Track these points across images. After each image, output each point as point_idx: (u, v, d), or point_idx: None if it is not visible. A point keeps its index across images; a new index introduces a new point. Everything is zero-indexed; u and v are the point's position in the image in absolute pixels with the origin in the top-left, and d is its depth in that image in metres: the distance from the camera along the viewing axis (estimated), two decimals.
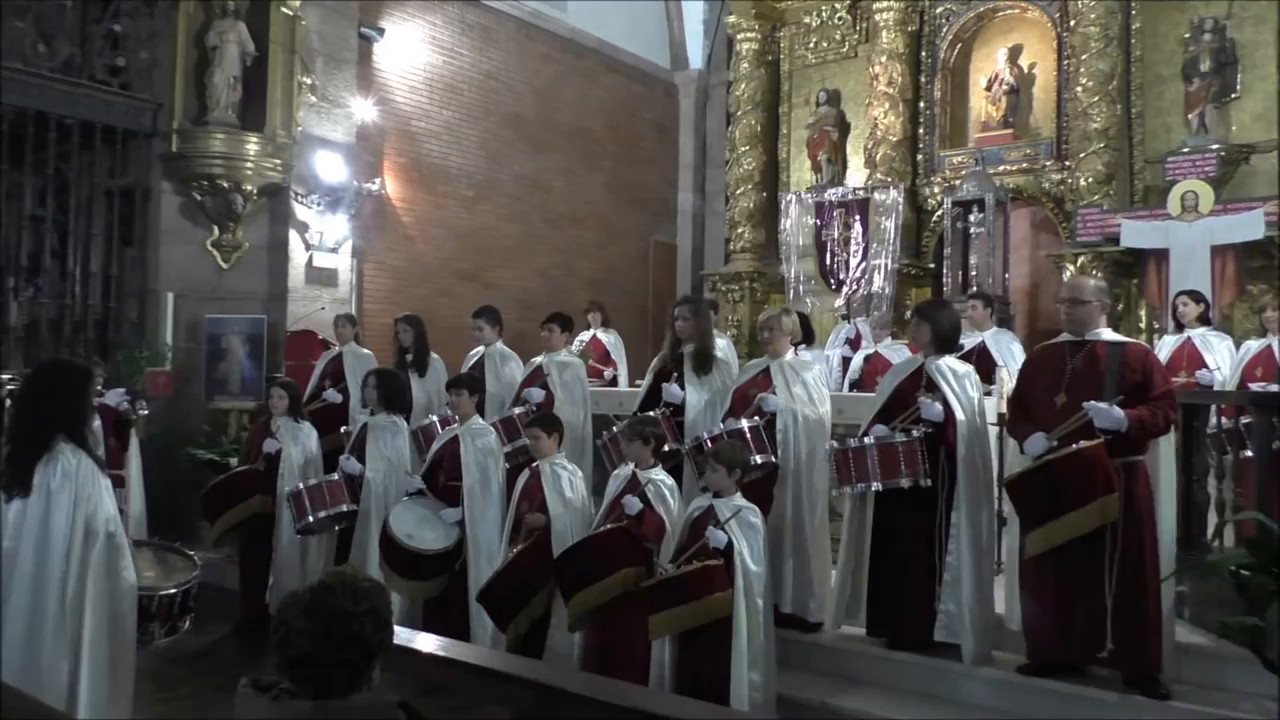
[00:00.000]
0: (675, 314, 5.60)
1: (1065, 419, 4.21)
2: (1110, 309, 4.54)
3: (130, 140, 8.30)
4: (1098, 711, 4.15)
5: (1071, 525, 4.09)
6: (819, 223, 10.65)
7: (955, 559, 4.56)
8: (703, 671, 4.17)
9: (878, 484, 4.59)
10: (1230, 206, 8.82)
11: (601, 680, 3.15)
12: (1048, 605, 4.29)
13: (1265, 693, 3.91)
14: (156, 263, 8.40)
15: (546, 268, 11.90)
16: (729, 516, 4.23)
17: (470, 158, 11.14)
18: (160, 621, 3.67)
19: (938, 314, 4.93)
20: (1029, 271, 11.18)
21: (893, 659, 4.71)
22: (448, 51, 10.91)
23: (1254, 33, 9.57)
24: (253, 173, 8.46)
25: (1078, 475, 4.08)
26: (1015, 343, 7.31)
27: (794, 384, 5.18)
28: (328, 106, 9.19)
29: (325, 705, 1.85)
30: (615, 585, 4.37)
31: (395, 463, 5.83)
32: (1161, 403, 4.18)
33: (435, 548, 5.13)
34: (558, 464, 5.09)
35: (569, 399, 6.26)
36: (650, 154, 13.56)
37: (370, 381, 6.05)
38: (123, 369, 7.75)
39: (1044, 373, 4.47)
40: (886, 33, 11.18)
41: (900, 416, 4.69)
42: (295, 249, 8.88)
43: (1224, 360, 6.53)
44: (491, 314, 6.94)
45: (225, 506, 6.12)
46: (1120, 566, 4.12)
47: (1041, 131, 10.80)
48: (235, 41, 8.34)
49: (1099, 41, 9.82)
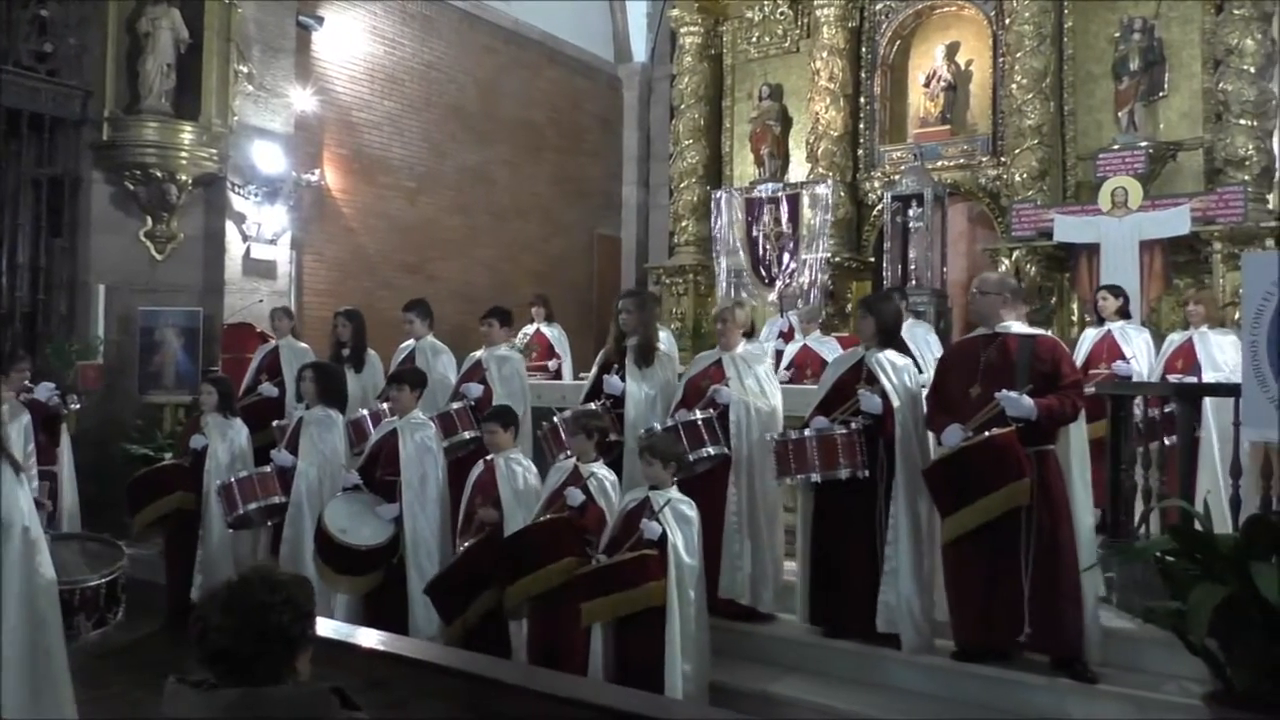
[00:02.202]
0: (620, 306, 5.63)
1: (980, 410, 4.35)
2: (1011, 302, 4.63)
3: (59, 128, 8.10)
4: (1025, 694, 4.26)
5: (983, 510, 4.23)
6: (749, 218, 10.72)
7: (894, 549, 4.63)
8: (637, 661, 4.21)
9: (816, 475, 4.65)
10: (1158, 203, 9.06)
11: (537, 671, 3.16)
12: (968, 591, 4.41)
13: (1187, 674, 4.05)
14: (87, 254, 8.22)
15: (490, 260, 11.83)
16: (661, 506, 4.28)
17: (412, 149, 11.03)
18: (86, 614, 3.59)
19: (882, 306, 5.02)
20: (966, 265, 11.35)
21: (827, 646, 4.78)
22: (389, 41, 10.79)
23: (1180, 33, 9.83)
24: (187, 162, 8.30)
25: (989, 461, 4.22)
26: (931, 334, 7.46)
27: (746, 376, 5.23)
28: (265, 96, 9.04)
29: (255, 693, 1.84)
30: (555, 574, 4.37)
31: (330, 457, 5.76)
32: (1070, 391, 4.34)
33: (369, 543, 5.06)
34: (513, 459, 5.07)
35: (508, 393, 6.24)
36: (594, 147, 13.54)
37: (307, 375, 5.97)
38: (52, 362, 7.57)
39: (960, 366, 4.62)
40: (827, 28, 11.29)
41: (840, 408, 4.77)
42: (232, 240, 8.73)
43: (1141, 352, 6.70)
44: (423, 307, 6.92)
45: (146, 500, 6.03)
46: (1036, 552, 4.24)
47: (978, 128, 10.99)
48: (169, 28, 8.18)
49: (1033, 40, 10.01)
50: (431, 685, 3.01)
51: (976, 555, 4.35)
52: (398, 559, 5.16)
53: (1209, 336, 6.46)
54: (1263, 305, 3.87)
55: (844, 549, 4.76)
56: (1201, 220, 8.82)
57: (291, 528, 5.61)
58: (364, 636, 3.53)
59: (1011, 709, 4.25)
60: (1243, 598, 3.33)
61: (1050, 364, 4.39)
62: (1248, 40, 9.08)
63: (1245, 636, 3.40)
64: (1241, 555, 3.47)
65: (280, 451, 5.77)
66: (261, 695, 1.84)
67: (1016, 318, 4.64)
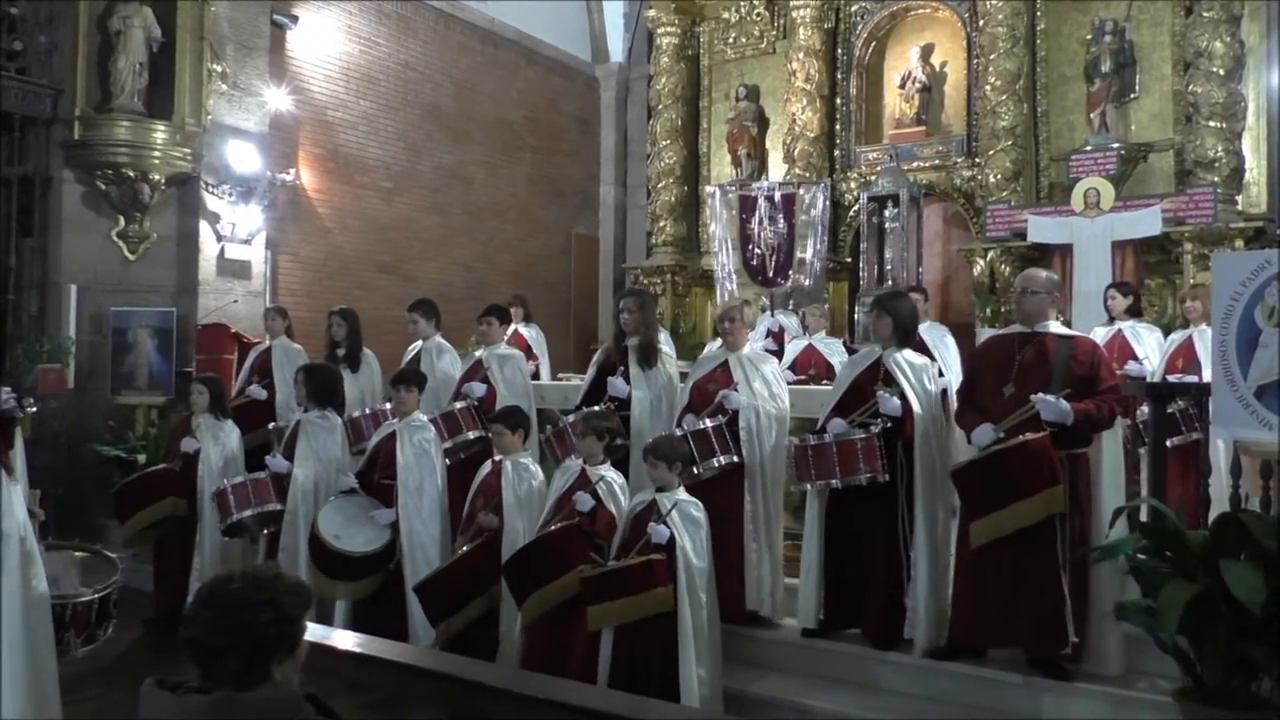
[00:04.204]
0: (620, 306, 5.46)
1: (1013, 410, 4.21)
2: (1056, 301, 4.54)
3: (29, 127, 7.99)
4: (1002, 692, 4.28)
5: (1018, 515, 4.07)
6: (744, 217, 10.74)
7: (914, 553, 4.50)
8: (647, 668, 4.10)
9: (837, 481, 4.48)
10: (1130, 203, 9.16)
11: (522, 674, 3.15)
12: (992, 596, 4.24)
13: (1157, 671, 4.09)
14: (58, 254, 8.12)
15: (467, 260, 11.80)
16: (669, 508, 4.21)
17: (388, 149, 10.97)
18: (76, 630, 3.48)
19: (898, 305, 4.85)
20: (941, 265, 11.45)
21: (806, 646, 4.75)
22: (364, 41, 10.73)
23: (1151, 35, 9.94)
24: (160, 162, 8.22)
25: (1025, 466, 4.06)
26: (948, 335, 7.42)
27: (754, 379, 5.04)
28: (239, 95, 8.96)
29: (228, 698, 1.81)
30: (573, 583, 4.24)
31: (326, 461, 5.59)
32: (1108, 396, 4.22)
33: (363, 549, 4.96)
34: (520, 463, 4.94)
35: (511, 393, 6.06)
36: (571, 147, 13.52)
37: (299, 379, 5.86)
38: (21, 363, 7.48)
39: (993, 364, 4.46)
40: (804, 29, 11.35)
41: (858, 410, 4.61)
42: (206, 240, 8.65)
43: (1153, 352, 6.59)
44: (427, 307, 6.72)
45: (137, 507, 5.87)
46: (1073, 558, 4.10)
47: (953, 129, 11.08)
48: (141, 27, 8.10)
49: (1006, 41, 10.10)
50: (417, 689, 2.99)
51: (1002, 560, 4.18)
52: (394, 564, 5.07)
53: (1208, 334, 6.44)
54: (1231, 305, 3.91)
55: (860, 553, 4.62)
56: (1172, 221, 8.93)
57: (289, 535, 5.44)
58: (340, 639, 3.48)
59: (988, 706, 4.27)
60: (1212, 595, 3.37)
61: (1088, 366, 4.25)
62: (1217, 43, 9.20)
63: (1215, 633, 3.44)
64: (1211, 553, 3.51)
65: (276, 457, 5.61)
66: (234, 700, 1.81)
67: (1055, 317, 4.50)
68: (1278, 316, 3.80)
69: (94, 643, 3.63)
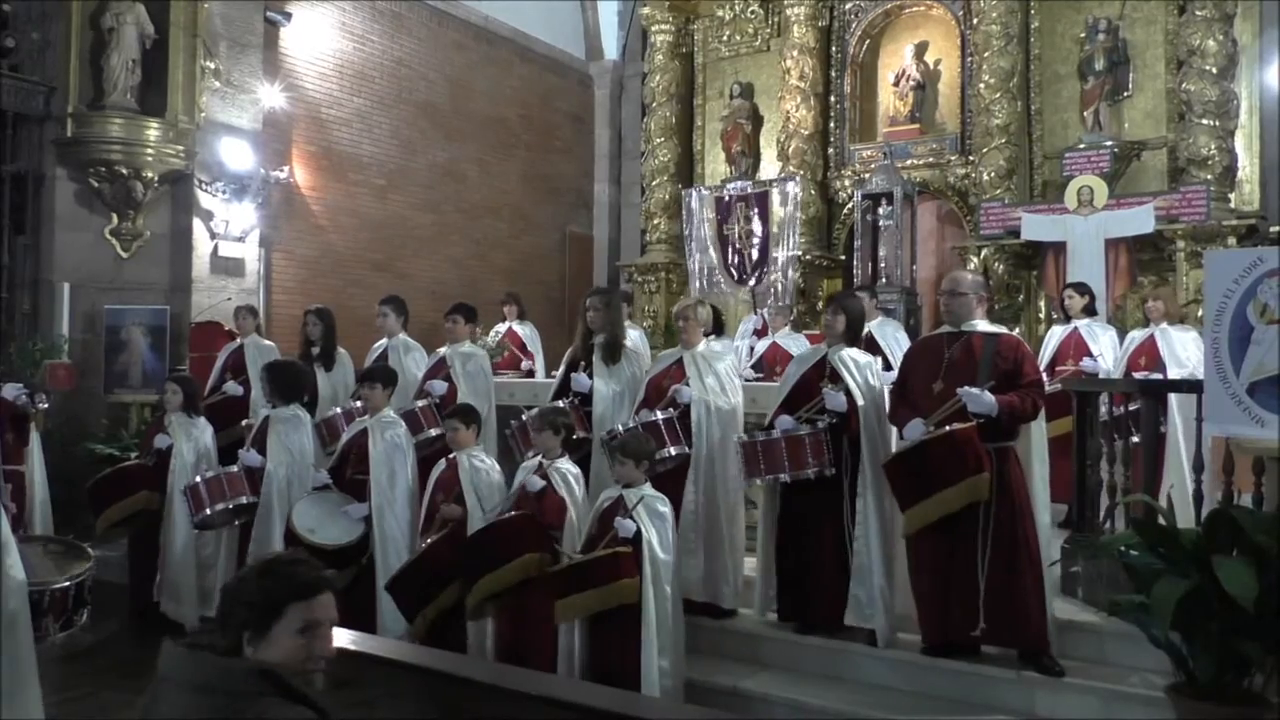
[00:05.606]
0: (587, 304, 5.64)
1: (942, 405, 4.40)
2: (987, 301, 4.73)
3: (21, 124, 7.98)
4: (993, 688, 4.31)
5: (942, 502, 4.26)
6: (719, 217, 10.74)
7: (863, 544, 4.66)
8: (612, 660, 4.22)
9: (786, 475, 4.67)
10: (1123, 201, 9.18)
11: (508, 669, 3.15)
12: (929, 585, 4.45)
13: (1150, 667, 4.11)
14: (51, 251, 8.10)
15: (461, 258, 11.78)
16: (635, 504, 4.31)
17: (382, 146, 10.96)
18: (54, 616, 3.56)
19: (850, 304, 5.08)
20: (935, 263, 11.45)
21: (798, 642, 4.80)
22: (358, 38, 10.71)
23: (1144, 33, 9.96)
24: (153, 159, 8.20)
25: (949, 455, 4.26)
26: (900, 331, 7.52)
27: (706, 375, 5.24)
28: (233, 92, 8.95)
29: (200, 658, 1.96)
30: (516, 570, 4.37)
31: (297, 456, 5.73)
32: (1030, 390, 4.41)
33: (338, 543, 5.04)
34: (475, 457, 5.07)
35: (472, 390, 6.22)
36: (566, 144, 13.51)
37: (263, 377, 5.97)
38: (16, 362, 7.46)
39: (924, 361, 4.67)
40: (797, 27, 11.35)
41: (805, 406, 4.80)
42: (200, 238, 8.64)
43: (1106, 350, 6.79)
44: (397, 303, 6.87)
45: (110, 501, 5.96)
46: (994, 547, 4.28)
47: (946, 127, 11.09)
48: (133, 23, 8.08)
49: (1000, 39, 10.11)
50: (400, 684, 2.99)
51: (936, 550, 4.40)
52: (367, 558, 5.14)
53: (1170, 333, 6.55)
54: (1224, 302, 3.93)
55: (811, 545, 4.79)
56: (1165, 219, 8.95)
57: (260, 526, 5.57)
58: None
59: (979, 702, 4.30)
60: (1205, 591, 3.39)
61: (1012, 362, 4.44)
62: (1210, 41, 9.22)
63: (1207, 629, 3.46)
64: (1203, 549, 3.53)
65: (249, 451, 5.71)
66: (201, 660, 1.96)
67: (982, 316, 4.71)
68: (1270, 313, 3.81)
69: (71, 628, 3.71)
